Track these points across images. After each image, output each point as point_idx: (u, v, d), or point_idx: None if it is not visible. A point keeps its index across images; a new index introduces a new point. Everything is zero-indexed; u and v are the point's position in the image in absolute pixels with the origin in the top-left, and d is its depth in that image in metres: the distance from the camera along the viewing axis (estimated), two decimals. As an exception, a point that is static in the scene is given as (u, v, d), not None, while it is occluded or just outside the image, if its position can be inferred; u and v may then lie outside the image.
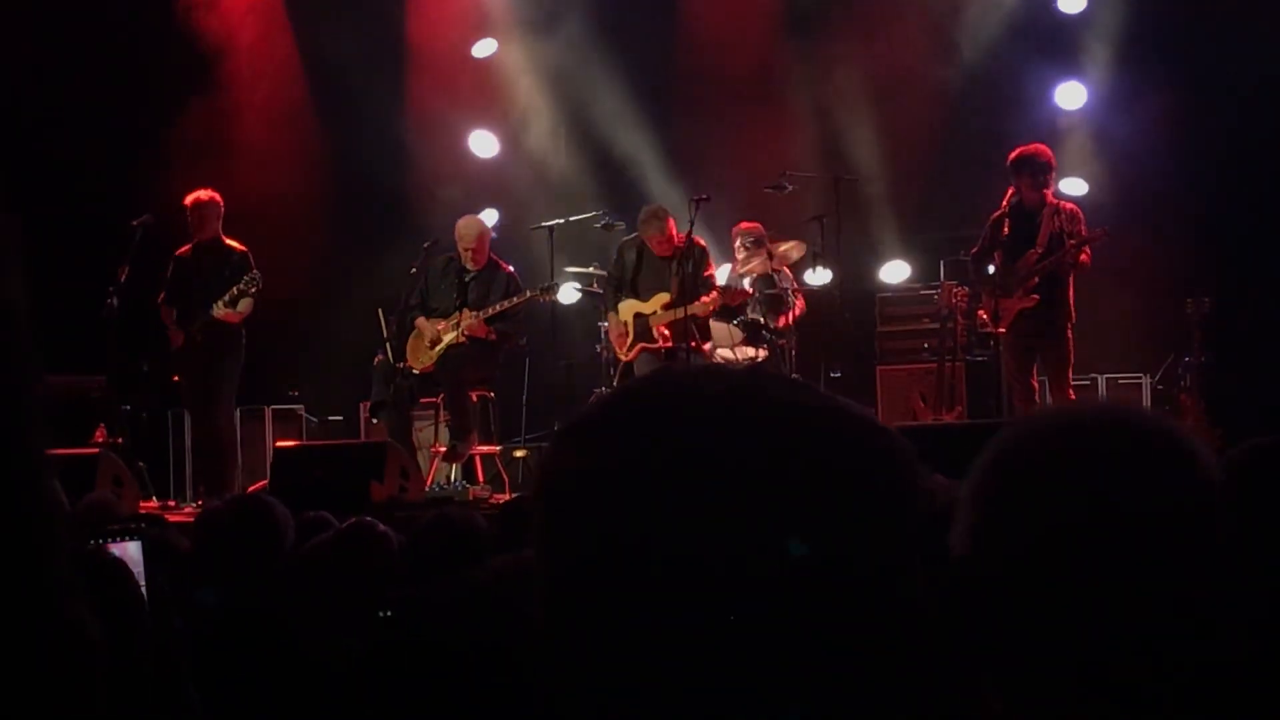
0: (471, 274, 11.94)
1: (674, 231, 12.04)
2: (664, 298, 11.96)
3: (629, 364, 12.25)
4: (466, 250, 11.91)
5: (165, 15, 14.48)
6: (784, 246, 12.88)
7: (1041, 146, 11.28)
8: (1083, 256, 10.94)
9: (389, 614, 3.50)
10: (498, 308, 11.76)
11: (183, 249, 11.93)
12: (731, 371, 1.39)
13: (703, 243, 12.19)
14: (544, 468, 1.35)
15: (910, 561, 1.33)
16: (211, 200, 11.84)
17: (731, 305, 12.34)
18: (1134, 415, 1.59)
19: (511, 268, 12.22)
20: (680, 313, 11.68)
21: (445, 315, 11.87)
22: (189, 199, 11.82)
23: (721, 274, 12.62)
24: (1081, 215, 11.11)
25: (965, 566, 1.56)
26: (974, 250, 11.39)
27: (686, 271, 11.83)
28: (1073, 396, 10.94)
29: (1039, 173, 11.05)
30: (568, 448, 1.34)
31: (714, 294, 11.93)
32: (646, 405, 1.33)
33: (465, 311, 11.76)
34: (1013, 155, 11.12)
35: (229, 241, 11.90)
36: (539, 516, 1.33)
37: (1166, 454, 1.54)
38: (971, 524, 1.57)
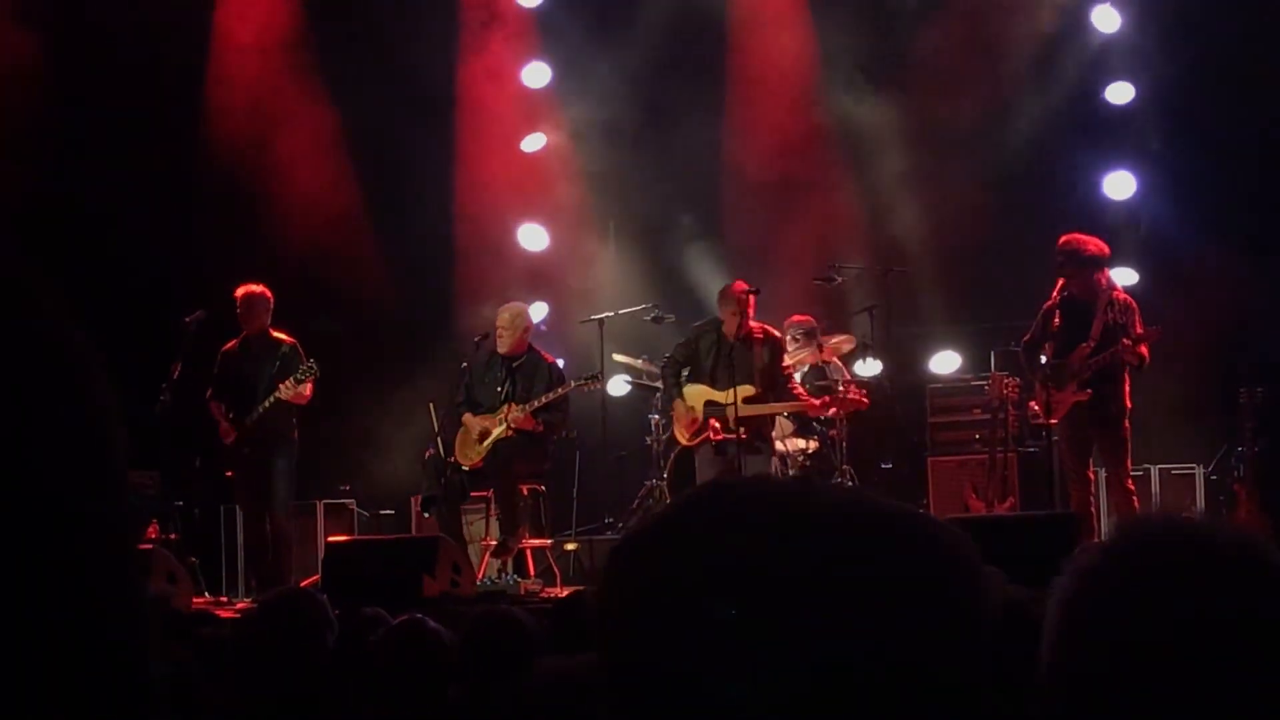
0: (517, 362, 11.91)
1: (748, 309, 11.76)
2: (747, 390, 11.65)
3: (685, 451, 12.11)
4: (501, 332, 11.90)
5: (215, 116, 14.68)
6: (835, 339, 12.85)
7: (1086, 238, 11.15)
8: (1142, 349, 10.82)
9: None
10: (543, 399, 11.73)
11: (229, 344, 12.01)
12: (785, 481, 1.38)
13: (778, 334, 12.07)
14: (604, 580, 1.34)
15: (980, 666, 1.32)
16: (262, 294, 11.90)
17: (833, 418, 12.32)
18: (1251, 540, 1.56)
19: (555, 359, 12.22)
20: (764, 406, 11.61)
21: (491, 410, 11.84)
22: (239, 291, 11.87)
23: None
24: (1136, 306, 11.01)
25: (1053, 681, 1.54)
26: (1025, 339, 11.32)
27: (765, 362, 11.73)
28: (1131, 487, 10.87)
29: (1087, 265, 10.95)
30: (626, 560, 1.33)
31: (825, 399, 11.96)
32: (704, 515, 1.32)
33: (511, 405, 11.75)
34: (1060, 243, 11.02)
35: (277, 334, 11.95)
36: (601, 630, 1.32)
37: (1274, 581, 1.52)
38: (1063, 631, 1.56)
